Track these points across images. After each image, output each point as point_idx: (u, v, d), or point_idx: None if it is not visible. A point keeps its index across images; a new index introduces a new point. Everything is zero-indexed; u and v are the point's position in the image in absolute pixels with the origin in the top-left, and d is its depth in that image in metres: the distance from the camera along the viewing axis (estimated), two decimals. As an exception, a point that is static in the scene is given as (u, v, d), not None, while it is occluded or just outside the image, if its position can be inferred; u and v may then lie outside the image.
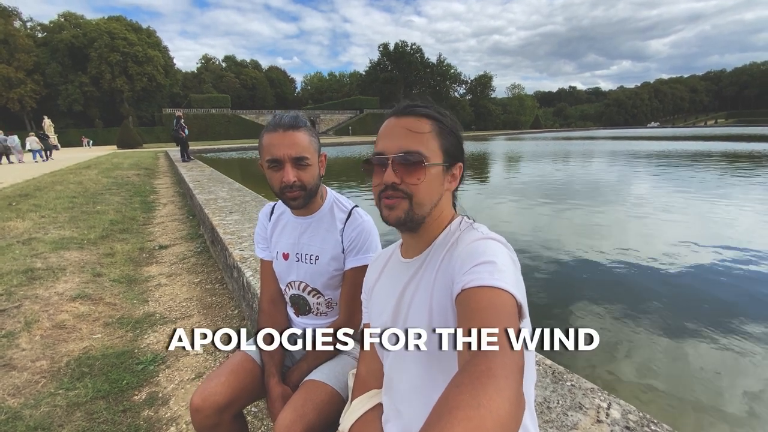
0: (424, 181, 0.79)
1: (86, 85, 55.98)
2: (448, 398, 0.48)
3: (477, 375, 0.50)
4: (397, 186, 0.79)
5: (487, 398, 0.46)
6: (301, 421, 1.07)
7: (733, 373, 2.84)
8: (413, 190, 0.79)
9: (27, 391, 2.15)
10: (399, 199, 0.80)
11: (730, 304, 3.87)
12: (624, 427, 1.15)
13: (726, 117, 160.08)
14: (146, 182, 11.43)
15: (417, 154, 0.78)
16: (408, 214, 0.81)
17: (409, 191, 0.79)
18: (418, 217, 0.81)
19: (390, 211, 0.81)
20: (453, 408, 0.46)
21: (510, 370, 0.51)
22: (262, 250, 1.44)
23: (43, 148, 21.23)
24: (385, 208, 0.82)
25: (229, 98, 65.69)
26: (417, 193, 0.79)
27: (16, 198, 7.81)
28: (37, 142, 20.90)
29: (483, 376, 0.49)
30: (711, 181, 11.88)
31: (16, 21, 56.13)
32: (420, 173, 0.78)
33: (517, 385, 0.50)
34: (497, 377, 0.49)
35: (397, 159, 0.78)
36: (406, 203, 0.80)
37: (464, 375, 0.51)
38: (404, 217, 0.81)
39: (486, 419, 0.44)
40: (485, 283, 0.63)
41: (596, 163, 19.56)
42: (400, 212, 0.81)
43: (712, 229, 6.57)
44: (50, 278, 3.73)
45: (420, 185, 0.79)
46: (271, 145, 1.17)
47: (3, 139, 19.25)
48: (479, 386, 0.48)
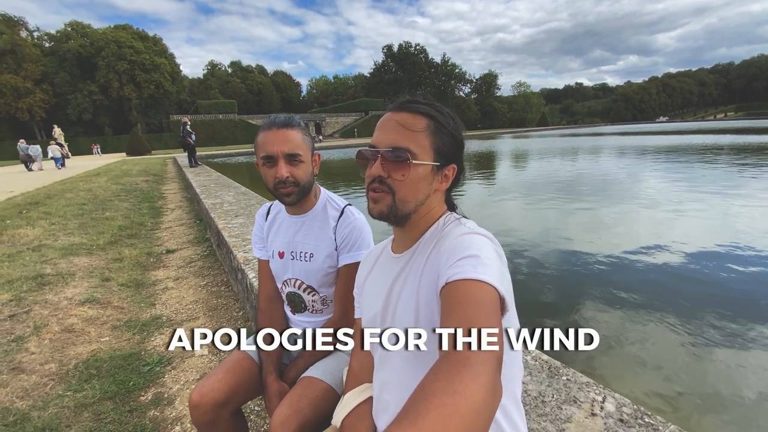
0: (408, 178, 0.80)
1: (95, 94, 56.92)
2: (425, 386, 0.49)
3: (454, 363, 0.51)
4: (384, 179, 0.80)
5: (462, 385, 0.47)
6: (297, 417, 1.09)
7: (736, 369, 2.81)
8: (397, 186, 0.80)
9: (35, 394, 2.20)
10: (383, 194, 0.81)
11: (735, 300, 3.82)
12: (618, 419, 1.15)
13: (735, 110, 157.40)
14: (154, 188, 11.58)
15: (405, 151, 0.78)
16: (390, 209, 0.82)
17: (393, 187, 0.80)
18: (401, 213, 0.82)
19: (374, 204, 0.83)
20: (429, 395, 0.47)
21: (487, 358, 0.51)
22: (259, 249, 1.46)
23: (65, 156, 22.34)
24: (370, 201, 0.84)
25: (235, 103, 66.25)
26: (400, 190, 0.80)
27: (27, 206, 7.97)
28: (59, 150, 21.98)
29: (460, 365, 0.50)
30: (722, 175, 11.72)
31: (23, 31, 57.10)
32: (405, 170, 0.79)
33: (494, 373, 0.51)
34: (474, 365, 0.50)
35: (386, 153, 0.79)
36: (389, 198, 0.81)
37: (442, 363, 0.52)
38: (386, 212, 0.82)
39: (461, 405, 0.45)
40: (468, 276, 0.64)
41: (604, 158, 19.39)
42: (382, 206, 0.82)
43: (722, 225, 6.49)
44: (59, 283, 3.80)
45: (404, 182, 0.80)
46: (265, 142, 1.20)
47: (25, 148, 20.60)
48: (456, 374, 0.49)
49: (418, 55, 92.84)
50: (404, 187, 0.80)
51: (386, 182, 0.80)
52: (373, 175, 0.81)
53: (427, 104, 0.83)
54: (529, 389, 1.31)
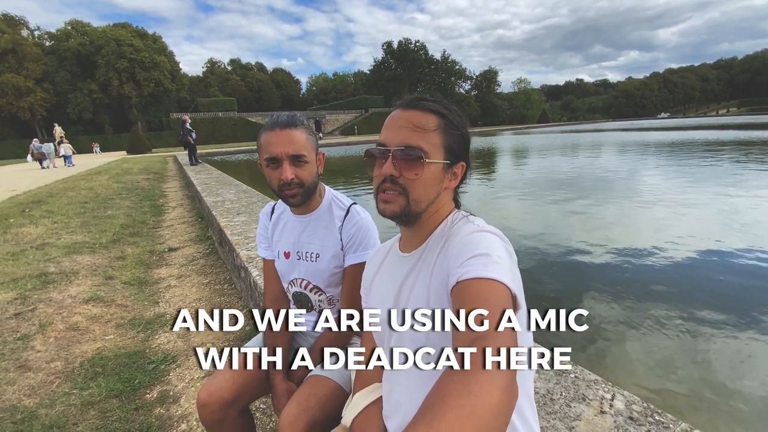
0: (421, 177, 0.79)
1: (95, 92, 56.88)
2: (441, 387, 0.49)
3: (469, 364, 0.50)
4: (396, 179, 0.79)
5: (478, 386, 0.47)
6: (305, 416, 1.08)
7: (745, 366, 2.80)
8: (410, 185, 0.79)
9: (42, 391, 2.20)
10: (396, 194, 0.80)
11: (744, 296, 3.81)
12: (627, 417, 1.14)
13: (738, 105, 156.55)
14: (155, 186, 11.58)
15: (417, 150, 0.77)
16: (404, 210, 0.81)
17: (406, 186, 0.79)
18: (413, 212, 0.82)
19: (386, 204, 0.81)
20: (445, 396, 0.47)
21: None
22: (264, 249, 1.45)
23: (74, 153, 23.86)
24: (381, 201, 0.82)
25: (235, 101, 66.17)
26: (413, 189, 0.79)
27: (29, 204, 7.98)
28: (71, 148, 23.40)
29: (475, 365, 0.50)
30: (723, 171, 11.68)
31: (24, 30, 57.10)
32: (418, 168, 0.78)
33: (510, 373, 0.50)
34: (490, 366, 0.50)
35: (398, 152, 0.78)
36: (402, 199, 0.80)
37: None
38: (399, 212, 0.81)
39: (477, 407, 0.45)
40: (479, 274, 0.63)
41: (605, 154, 19.35)
42: (396, 207, 0.81)
43: (725, 220, 6.47)
44: (63, 282, 3.81)
45: (417, 181, 0.79)
46: (268, 143, 1.18)
47: (39, 147, 21.92)
48: (471, 375, 0.48)
49: (418, 52, 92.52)
50: (417, 187, 0.79)
51: (398, 182, 0.79)
52: (384, 175, 0.80)
53: (436, 102, 0.82)
54: (538, 387, 1.31)
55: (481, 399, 0.46)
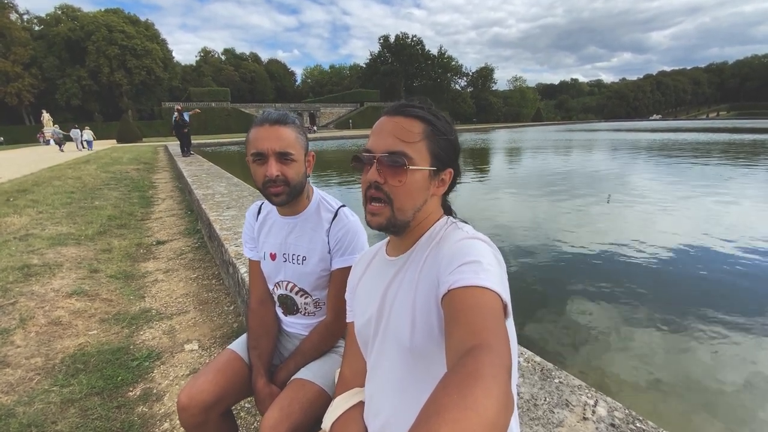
0: (405, 184, 0.79)
1: (84, 79, 55.61)
2: (436, 400, 0.48)
3: (464, 376, 0.50)
4: (380, 185, 0.79)
5: (473, 399, 0.46)
6: (287, 421, 1.07)
7: (726, 371, 2.85)
8: (394, 193, 0.79)
9: (21, 389, 2.16)
10: (382, 206, 0.80)
11: (733, 299, 3.87)
12: (609, 424, 1.15)
13: (728, 109, 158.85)
14: (145, 177, 11.41)
15: (402, 156, 0.77)
16: (390, 221, 0.81)
17: (390, 194, 0.79)
18: (400, 222, 0.82)
19: (372, 217, 0.82)
20: (440, 409, 0.46)
21: (498, 370, 0.51)
22: (250, 249, 1.43)
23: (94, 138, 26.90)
24: (368, 214, 0.83)
25: (228, 92, 65.20)
26: (397, 197, 0.79)
27: (14, 193, 7.81)
28: (92, 134, 26.17)
29: (470, 377, 0.49)
30: (709, 173, 11.84)
31: (12, 14, 55.66)
32: (402, 175, 0.78)
33: (505, 385, 0.50)
34: (485, 378, 0.49)
35: (383, 159, 0.78)
36: (388, 210, 0.80)
37: (452, 376, 0.51)
38: (386, 224, 0.82)
39: (473, 421, 0.44)
40: (471, 282, 0.64)
41: (597, 154, 19.50)
42: (382, 219, 0.81)
43: (711, 221, 6.56)
44: (46, 274, 3.74)
45: (401, 188, 0.79)
46: (256, 138, 1.15)
47: (59, 133, 25.94)
48: (466, 387, 0.48)
49: (414, 47, 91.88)
50: (401, 194, 0.79)
51: (383, 188, 0.79)
52: (369, 181, 0.80)
53: (422, 108, 0.82)
54: (522, 392, 1.31)
55: (477, 413, 0.45)
